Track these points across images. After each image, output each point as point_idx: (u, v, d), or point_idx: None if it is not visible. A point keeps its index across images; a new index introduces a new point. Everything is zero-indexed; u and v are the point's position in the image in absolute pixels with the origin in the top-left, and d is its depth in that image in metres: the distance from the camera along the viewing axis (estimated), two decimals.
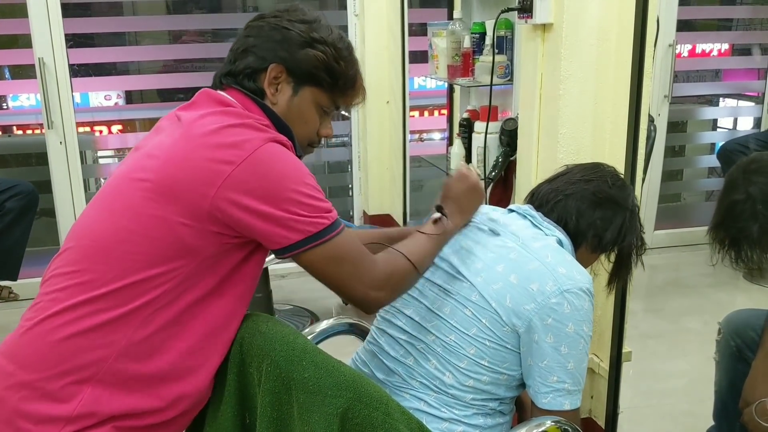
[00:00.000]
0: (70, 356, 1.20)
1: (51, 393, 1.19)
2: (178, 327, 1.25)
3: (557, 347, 1.38)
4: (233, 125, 1.24)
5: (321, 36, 1.36)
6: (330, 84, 1.38)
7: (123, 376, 1.22)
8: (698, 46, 5.38)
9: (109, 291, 1.21)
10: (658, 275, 4.19)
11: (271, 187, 1.21)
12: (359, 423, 1.19)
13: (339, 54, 1.38)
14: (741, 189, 1.69)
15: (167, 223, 1.21)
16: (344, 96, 1.42)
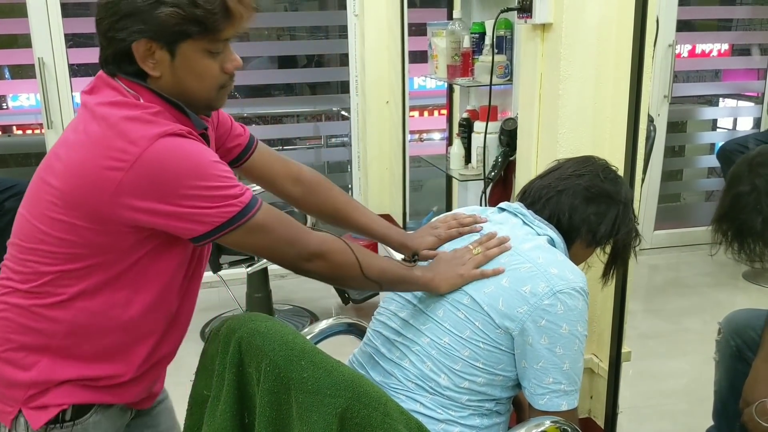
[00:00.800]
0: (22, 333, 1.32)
1: (14, 361, 1.33)
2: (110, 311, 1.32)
3: (552, 348, 1.38)
4: (125, 120, 1.22)
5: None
6: (202, 29, 1.24)
7: (70, 352, 1.33)
8: (698, 46, 5.38)
9: (41, 283, 1.30)
10: (658, 275, 4.20)
11: (167, 186, 1.21)
12: (358, 423, 1.19)
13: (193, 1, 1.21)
14: (746, 181, 1.69)
15: (75, 227, 1.25)
16: (225, 30, 1.26)
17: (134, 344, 1.37)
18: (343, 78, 4.26)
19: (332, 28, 4.87)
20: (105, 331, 1.33)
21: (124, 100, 1.26)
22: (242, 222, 1.25)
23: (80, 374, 1.34)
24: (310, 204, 1.65)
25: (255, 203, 1.27)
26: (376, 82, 3.97)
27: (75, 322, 1.31)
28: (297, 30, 5.21)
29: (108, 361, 1.35)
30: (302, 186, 1.62)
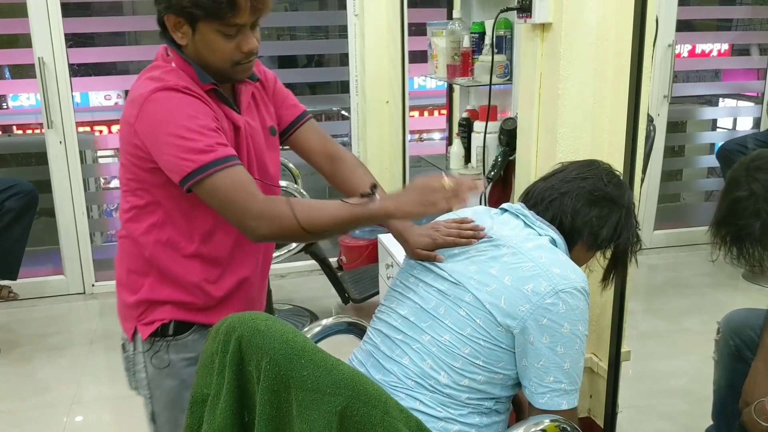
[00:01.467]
0: (129, 259, 1.62)
1: (127, 285, 1.64)
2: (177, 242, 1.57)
3: (553, 348, 1.38)
4: (143, 81, 1.50)
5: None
6: (208, 15, 1.42)
7: (163, 276, 1.60)
8: (698, 46, 5.39)
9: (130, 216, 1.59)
10: (658, 275, 4.20)
11: (154, 132, 1.45)
12: (358, 421, 1.19)
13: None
14: (744, 186, 1.69)
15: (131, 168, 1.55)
16: (232, 17, 1.42)
17: (209, 271, 1.60)
18: (343, 78, 4.27)
19: (332, 27, 4.87)
20: (178, 260, 1.58)
21: (156, 63, 1.54)
22: (197, 179, 1.42)
23: (176, 297, 1.60)
24: (334, 181, 1.78)
25: (214, 165, 1.42)
26: (376, 82, 3.97)
27: (154, 251, 1.57)
28: (297, 30, 5.22)
29: (193, 286, 1.60)
30: (332, 164, 1.77)
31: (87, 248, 3.94)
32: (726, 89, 5.70)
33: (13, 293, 3.45)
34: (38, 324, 3.65)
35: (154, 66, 1.54)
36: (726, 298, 3.75)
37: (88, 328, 3.58)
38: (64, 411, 2.80)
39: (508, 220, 1.58)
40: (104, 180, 5.63)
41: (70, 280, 3.97)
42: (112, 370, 3.20)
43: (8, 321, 3.69)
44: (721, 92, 5.67)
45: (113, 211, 5.81)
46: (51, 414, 2.79)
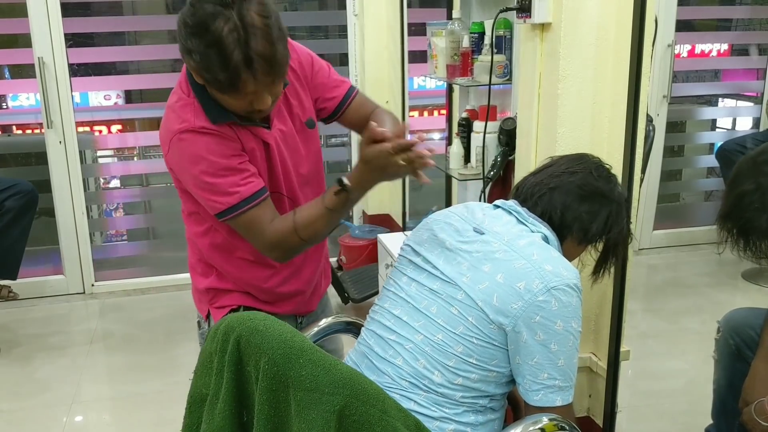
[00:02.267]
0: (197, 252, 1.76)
1: (199, 271, 1.77)
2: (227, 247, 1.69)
3: (547, 345, 1.38)
4: (168, 111, 1.56)
5: (193, 44, 1.37)
6: (212, 85, 1.44)
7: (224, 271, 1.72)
8: (697, 46, 5.38)
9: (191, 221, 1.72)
10: (657, 275, 4.20)
11: (182, 173, 1.56)
12: (356, 420, 1.19)
13: (208, 65, 1.38)
14: (750, 180, 1.68)
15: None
16: (234, 92, 1.42)
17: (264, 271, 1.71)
18: None
19: (332, 27, 4.87)
20: (233, 260, 1.69)
21: (178, 89, 1.56)
22: (227, 217, 1.55)
23: (239, 289, 1.73)
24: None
25: (237, 208, 1.53)
26: (376, 82, 3.97)
27: (210, 253, 1.70)
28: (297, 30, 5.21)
29: (249, 284, 1.72)
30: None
31: (87, 248, 3.94)
32: (725, 89, 5.70)
33: (13, 293, 3.45)
34: (38, 324, 3.65)
35: (176, 94, 1.57)
36: (725, 298, 3.76)
37: (88, 328, 3.59)
38: (63, 411, 2.80)
39: (500, 216, 1.57)
40: (104, 180, 5.64)
41: (69, 279, 3.97)
42: (112, 370, 3.21)
43: (8, 321, 3.69)
44: (720, 92, 5.67)
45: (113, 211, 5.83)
46: (50, 414, 2.79)
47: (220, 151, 1.51)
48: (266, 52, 1.37)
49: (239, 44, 1.35)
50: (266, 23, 1.37)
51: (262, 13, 1.37)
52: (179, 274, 4.11)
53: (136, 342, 3.43)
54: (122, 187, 5.90)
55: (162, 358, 3.26)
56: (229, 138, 1.53)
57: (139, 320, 3.69)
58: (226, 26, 1.34)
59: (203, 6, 1.35)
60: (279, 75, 1.43)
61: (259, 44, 1.36)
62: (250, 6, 1.36)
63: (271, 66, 1.38)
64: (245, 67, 1.36)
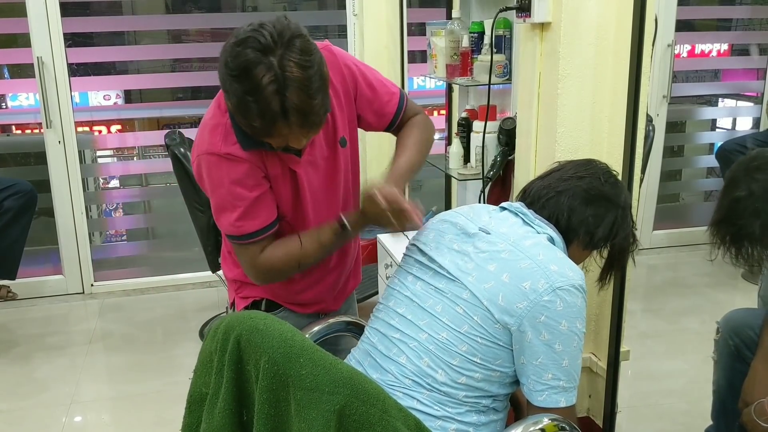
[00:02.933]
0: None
1: (227, 263, 1.84)
2: None
3: (551, 345, 1.38)
4: (202, 124, 1.58)
5: (231, 87, 1.37)
6: (247, 128, 1.43)
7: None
8: (697, 46, 5.38)
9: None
10: (657, 275, 4.20)
11: (205, 189, 1.60)
12: (356, 420, 1.19)
13: (245, 110, 1.38)
14: (743, 186, 1.68)
15: None
16: (265, 137, 1.44)
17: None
18: None
19: (331, 27, 4.87)
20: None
21: (216, 107, 1.56)
22: (230, 241, 1.64)
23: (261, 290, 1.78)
24: None
25: (238, 238, 1.60)
26: None
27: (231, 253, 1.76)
28: None
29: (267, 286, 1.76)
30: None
31: (86, 248, 3.93)
32: (725, 89, 5.70)
33: (12, 293, 3.45)
34: (37, 324, 3.65)
35: (212, 110, 1.57)
36: (725, 298, 3.75)
37: (87, 328, 3.58)
38: (62, 411, 2.80)
39: (506, 218, 1.58)
40: (103, 180, 5.64)
41: (69, 279, 3.97)
42: (111, 370, 3.20)
43: (7, 320, 3.69)
44: (720, 92, 5.67)
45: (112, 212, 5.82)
46: (49, 414, 2.79)
47: (241, 180, 1.54)
48: (303, 106, 1.36)
49: (277, 95, 1.34)
50: (306, 75, 1.35)
51: (303, 63, 1.35)
52: (179, 274, 4.11)
53: (136, 342, 3.42)
54: (121, 187, 5.89)
55: (161, 358, 3.25)
56: (254, 167, 1.55)
57: (138, 320, 3.69)
58: (266, 76, 1.33)
59: (246, 51, 1.34)
60: (315, 126, 1.43)
61: (297, 97, 1.34)
62: (292, 55, 1.34)
63: (306, 118, 1.38)
64: (281, 118, 1.36)
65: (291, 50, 1.34)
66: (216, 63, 1.44)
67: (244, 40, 1.35)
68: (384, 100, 1.73)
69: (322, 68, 1.40)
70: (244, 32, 1.36)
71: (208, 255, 3.01)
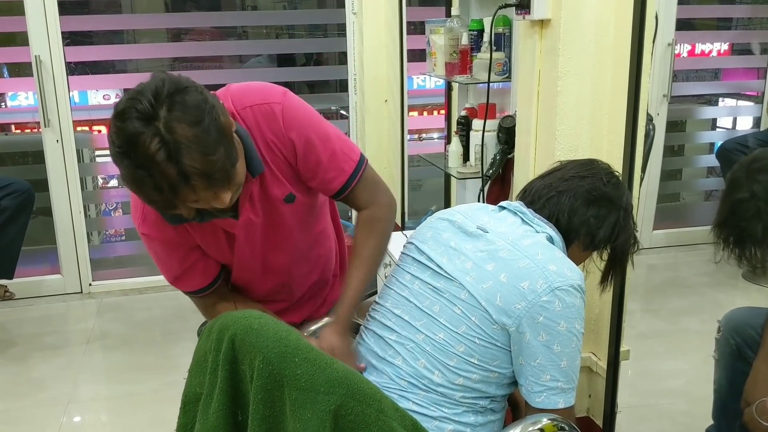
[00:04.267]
0: None
1: None
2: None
3: (550, 346, 1.37)
4: None
5: (122, 164, 1.25)
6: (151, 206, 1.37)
7: None
8: (697, 45, 5.36)
9: None
10: (657, 275, 4.19)
11: None
12: (352, 420, 1.18)
13: (141, 188, 1.26)
14: (745, 187, 1.67)
15: None
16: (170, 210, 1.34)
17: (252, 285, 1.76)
18: (341, 77, 4.25)
19: (330, 26, 4.86)
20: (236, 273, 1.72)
21: None
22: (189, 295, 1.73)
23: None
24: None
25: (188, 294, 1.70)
26: (375, 81, 3.95)
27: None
28: (295, 28, 5.20)
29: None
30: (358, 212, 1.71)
31: (84, 247, 3.92)
32: (726, 88, 5.68)
33: (9, 292, 3.43)
34: (35, 323, 3.63)
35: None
36: (725, 298, 3.74)
37: (85, 328, 3.57)
38: (60, 410, 2.78)
39: (505, 217, 1.57)
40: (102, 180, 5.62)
41: (67, 279, 3.95)
42: (109, 370, 3.19)
43: (4, 320, 3.67)
44: (720, 91, 5.65)
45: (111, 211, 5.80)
46: (47, 413, 2.77)
47: (166, 255, 1.60)
48: (203, 167, 1.23)
49: (171, 162, 1.20)
50: (198, 132, 1.22)
51: (192, 119, 1.22)
52: None
53: (133, 341, 3.41)
54: (120, 186, 5.87)
55: (159, 357, 3.24)
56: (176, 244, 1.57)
57: (136, 320, 3.67)
58: (153, 143, 1.19)
59: (126, 124, 1.21)
60: (223, 183, 1.29)
61: (193, 159, 1.21)
62: (176, 114, 1.21)
63: (209, 179, 1.25)
64: (183, 184, 1.23)
65: (174, 109, 1.21)
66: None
67: (123, 112, 1.22)
68: (328, 177, 1.59)
69: (217, 117, 1.26)
70: (122, 103, 1.24)
71: None
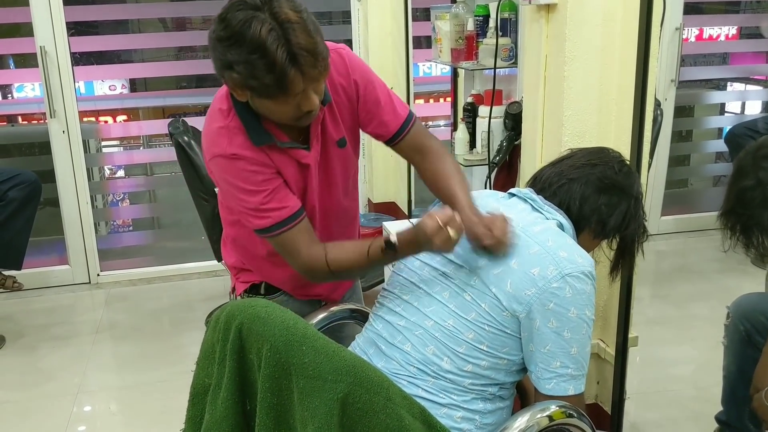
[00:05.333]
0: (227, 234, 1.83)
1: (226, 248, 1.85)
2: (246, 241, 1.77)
3: (560, 332, 1.36)
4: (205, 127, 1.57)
5: (233, 56, 1.35)
6: (261, 94, 1.40)
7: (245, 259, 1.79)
8: (705, 30, 5.32)
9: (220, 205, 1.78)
10: (665, 261, 4.17)
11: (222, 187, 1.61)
12: (360, 408, 1.17)
13: (253, 72, 1.35)
14: (751, 175, 1.66)
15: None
16: (284, 96, 1.40)
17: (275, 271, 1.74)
18: None
19: (335, 14, 4.83)
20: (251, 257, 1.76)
21: (217, 110, 1.55)
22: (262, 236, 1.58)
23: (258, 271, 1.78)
24: (420, 170, 1.80)
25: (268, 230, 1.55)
26: (380, 68, 3.93)
27: (234, 243, 1.79)
28: None
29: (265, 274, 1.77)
30: (420, 155, 1.77)
31: (92, 238, 3.93)
32: (734, 73, 5.63)
33: (18, 283, 3.44)
34: (43, 314, 3.65)
35: (215, 113, 1.55)
36: (734, 284, 3.72)
37: (93, 318, 3.58)
38: (70, 400, 2.79)
39: (515, 204, 1.56)
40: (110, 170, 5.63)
41: (75, 269, 3.96)
42: (118, 360, 3.20)
43: (13, 311, 3.69)
44: (729, 76, 5.60)
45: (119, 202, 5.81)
46: (57, 403, 2.79)
47: (251, 178, 1.52)
48: (309, 45, 1.34)
49: (281, 42, 1.32)
50: (301, 17, 1.35)
51: (294, 8, 1.35)
52: (184, 264, 4.10)
53: (142, 331, 3.42)
54: (127, 176, 5.88)
55: (167, 347, 3.25)
56: (262, 164, 1.53)
57: (144, 310, 3.69)
58: (263, 28, 1.31)
59: (234, 15, 1.33)
60: (324, 67, 1.40)
61: (300, 38, 1.33)
62: (281, 4, 1.34)
63: (315, 58, 1.36)
64: (291, 64, 1.34)
65: (278, 1, 1.34)
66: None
67: (229, 8, 1.35)
68: (386, 119, 1.70)
69: (311, 14, 1.39)
70: (226, 6, 1.37)
71: (214, 244, 2.99)
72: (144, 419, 2.70)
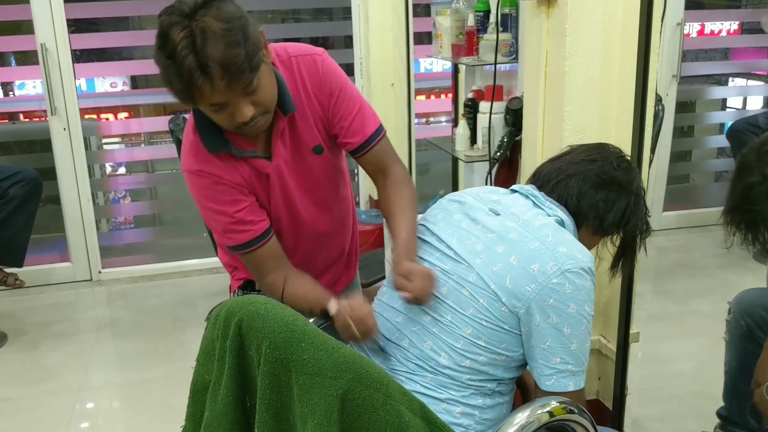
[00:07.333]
0: None
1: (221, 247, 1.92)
2: None
3: (560, 328, 1.36)
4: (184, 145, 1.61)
5: (159, 58, 1.35)
6: (178, 98, 1.39)
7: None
8: (707, 25, 5.31)
9: None
10: (667, 257, 4.17)
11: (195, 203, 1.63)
12: (360, 404, 1.17)
13: (168, 76, 1.35)
14: (756, 171, 1.65)
15: None
16: (192, 103, 1.41)
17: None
18: (347, 60, 4.23)
19: (336, 10, 4.83)
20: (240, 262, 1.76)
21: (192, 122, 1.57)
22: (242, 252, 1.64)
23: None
24: (378, 193, 1.78)
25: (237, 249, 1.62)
26: (381, 65, 3.93)
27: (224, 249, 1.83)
28: (301, 12, 5.18)
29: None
30: (382, 176, 1.75)
31: (93, 235, 3.93)
32: (735, 68, 5.62)
33: (20, 281, 3.44)
34: (45, 311, 3.65)
35: (188, 127, 1.59)
36: (736, 279, 3.72)
37: (95, 315, 3.59)
38: (72, 397, 2.80)
39: (516, 200, 1.56)
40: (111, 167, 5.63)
41: (76, 267, 3.97)
42: (120, 357, 3.21)
43: (15, 308, 3.69)
44: (730, 71, 5.59)
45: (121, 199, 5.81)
46: (59, 401, 2.79)
47: (217, 197, 1.57)
48: (222, 58, 1.31)
49: (191, 51, 1.31)
50: (225, 27, 1.32)
51: (222, 17, 1.33)
52: (186, 261, 4.10)
53: (143, 328, 3.43)
54: (128, 173, 5.88)
55: (169, 344, 3.25)
56: (228, 183, 1.55)
57: (145, 307, 3.69)
58: (181, 34, 1.31)
59: (163, 19, 1.35)
60: (238, 81, 1.36)
61: (214, 49, 1.31)
62: (210, 12, 1.33)
63: (227, 70, 1.33)
64: (201, 74, 1.32)
65: (210, 10, 1.34)
66: None
67: (164, 11, 1.36)
68: (353, 129, 1.67)
69: (246, 25, 1.36)
70: (164, 9, 1.38)
71: (214, 241, 2.99)
72: (145, 416, 2.70)
